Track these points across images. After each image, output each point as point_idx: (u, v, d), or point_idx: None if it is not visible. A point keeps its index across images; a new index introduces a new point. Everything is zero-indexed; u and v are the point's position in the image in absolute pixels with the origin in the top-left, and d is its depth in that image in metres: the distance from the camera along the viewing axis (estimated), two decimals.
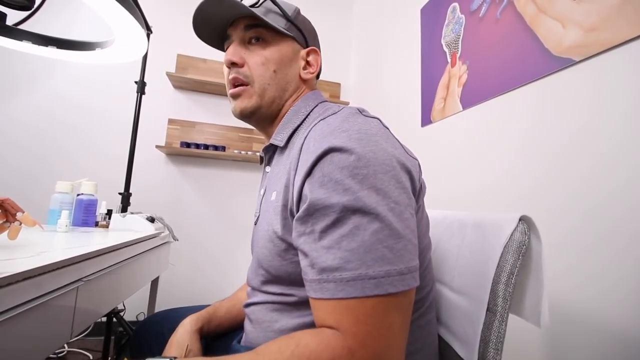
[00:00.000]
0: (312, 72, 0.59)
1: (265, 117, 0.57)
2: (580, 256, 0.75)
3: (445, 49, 1.34)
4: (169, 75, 1.96)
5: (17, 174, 1.79)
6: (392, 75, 1.83)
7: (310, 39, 0.60)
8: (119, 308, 1.57)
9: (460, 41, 1.25)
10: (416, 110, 1.52)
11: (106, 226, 1.13)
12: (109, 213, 1.19)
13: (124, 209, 1.47)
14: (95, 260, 0.65)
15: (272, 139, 0.55)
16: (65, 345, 1.64)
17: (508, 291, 0.46)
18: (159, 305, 1.36)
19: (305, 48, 0.59)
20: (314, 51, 0.59)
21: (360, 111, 0.46)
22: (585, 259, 0.74)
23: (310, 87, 0.60)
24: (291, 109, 0.56)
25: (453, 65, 1.28)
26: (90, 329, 1.72)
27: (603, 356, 0.68)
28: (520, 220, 0.47)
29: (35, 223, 0.61)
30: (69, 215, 0.89)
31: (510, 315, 0.46)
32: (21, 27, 1.05)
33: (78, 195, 1.07)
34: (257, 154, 2.09)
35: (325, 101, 0.58)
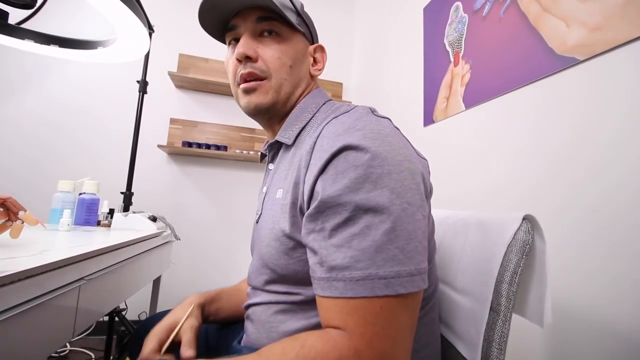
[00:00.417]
0: (320, 69, 0.58)
1: (278, 114, 0.55)
2: (580, 253, 0.74)
3: (448, 48, 1.34)
4: (171, 74, 1.96)
5: (21, 173, 1.80)
6: (395, 74, 1.82)
7: (315, 36, 0.60)
8: (121, 307, 1.57)
9: (463, 40, 1.25)
10: (418, 109, 1.51)
11: (108, 225, 1.13)
12: (111, 212, 1.19)
13: (126, 208, 1.47)
14: (97, 259, 0.65)
15: (279, 136, 0.54)
16: (67, 344, 1.64)
17: (512, 290, 0.45)
18: (160, 305, 1.36)
19: (312, 44, 0.59)
20: (321, 48, 0.59)
21: (372, 110, 0.46)
22: (584, 256, 0.73)
23: (316, 85, 0.60)
24: (298, 106, 0.55)
25: (456, 64, 1.28)
26: (92, 328, 1.72)
27: (605, 354, 0.68)
28: (523, 219, 0.47)
29: (37, 222, 0.61)
30: (71, 215, 0.90)
31: (513, 315, 0.46)
32: (23, 26, 1.05)
33: (80, 194, 1.07)
34: (259, 153, 2.08)
35: (330, 100, 0.57)
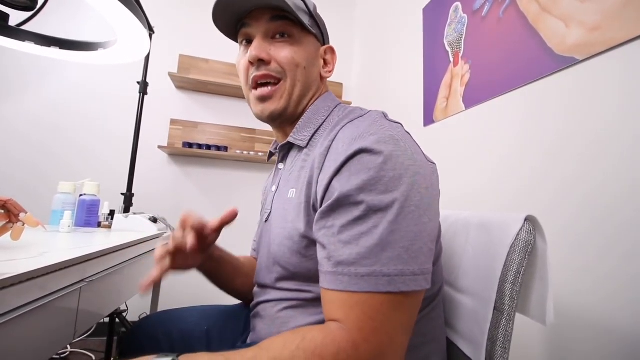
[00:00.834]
0: (330, 71, 0.58)
1: (290, 117, 0.55)
2: (574, 250, 0.74)
3: (448, 49, 1.34)
4: (171, 75, 1.96)
5: (21, 175, 1.80)
6: (395, 74, 1.82)
7: (326, 37, 0.60)
8: (122, 308, 1.57)
9: (462, 40, 1.25)
10: (419, 109, 1.51)
11: (109, 227, 1.13)
12: (112, 213, 1.19)
13: (127, 210, 1.47)
14: (98, 260, 0.64)
15: (292, 138, 0.54)
16: (68, 346, 1.64)
17: (515, 290, 0.46)
18: (161, 306, 1.36)
19: (323, 45, 0.58)
20: (331, 49, 0.59)
21: (384, 115, 0.47)
22: (578, 253, 0.73)
23: (326, 88, 0.60)
24: (310, 108, 0.55)
25: (455, 64, 1.28)
26: (92, 329, 1.72)
27: (601, 350, 0.68)
28: (526, 220, 0.47)
29: (37, 224, 0.61)
30: (71, 216, 0.89)
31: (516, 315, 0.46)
32: (23, 28, 1.05)
33: (81, 195, 1.07)
34: (260, 153, 2.08)
35: (340, 103, 0.58)
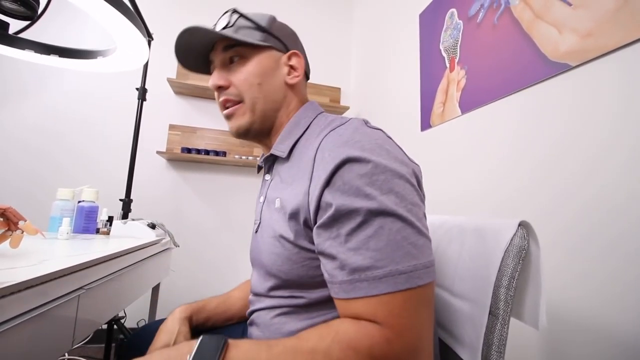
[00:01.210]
0: (298, 76, 0.58)
1: (261, 131, 0.57)
2: (571, 255, 0.75)
3: (444, 54, 1.35)
4: (170, 81, 1.97)
5: (19, 181, 1.80)
6: (392, 79, 1.84)
7: (290, 43, 0.59)
8: (120, 315, 1.56)
9: (458, 46, 1.26)
10: (416, 114, 1.53)
11: (107, 233, 1.13)
12: (110, 220, 1.19)
13: (125, 216, 1.47)
14: (97, 268, 0.65)
15: (274, 150, 0.55)
16: (66, 353, 1.63)
17: (509, 295, 0.46)
18: (160, 312, 1.36)
19: (286, 52, 0.58)
20: (295, 54, 0.58)
21: (365, 122, 0.48)
22: (575, 258, 0.74)
23: (300, 91, 0.60)
24: (291, 120, 0.56)
25: (452, 70, 1.29)
26: (90, 336, 1.72)
27: (598, 355, 0.69)
28: (519, 225, 0.48)
29: (37, 231, 0.61)
30: (70, 223, 0.90)
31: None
32: (23, 36, 1.06)
33: (79, 202, 1.07)
34: (257, 158, 2.09)
35: (323, 112, 0.59)
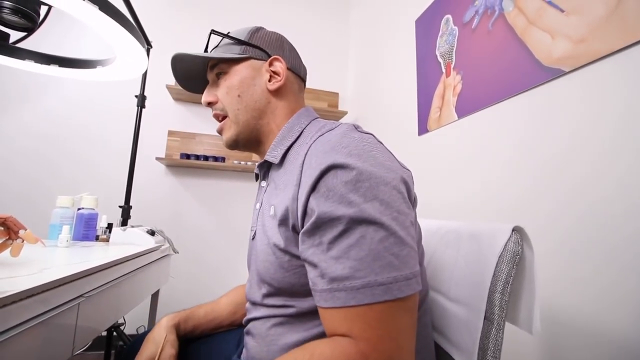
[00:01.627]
0: (279, 80, 0.57)
1: (249, 140, 0.59)
2: (571, 261, 0.75)
3: (440, 60, 1.37)
4: (169, 87, 1.99)
5: (19, 188, 1.80)
6: (389, 85, 1.85)
7: (272, 50, 0.59)
8: (119, 322, 1.56)
9: (454, 52, 1.28)
10: (413, 119, 1.54)
11: (107, 240, 1.13)
12: (110, 227, 1.19)
13: (124, 222, 1.48)
14: (96, 275, 0.65)
15: (267, 156, 0.56)
16: None
17: (504, 300, 0.46)
18: (159, 318, 1.35)
19: (268, 59, 0.58)
20: (276, 59, 0.58)
21: (355, 127, 0.48)
22: (576, 264, 0.74)
23: (286, 96, 0.59)
24: (285, 126, 0.56)
25: (448, 75, 1.31)
26: (90, 343, 1.71)
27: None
28: (513, 230, 0.48)
29: (37, 240, 0.62)
30: (69, 230, 0.90)
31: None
32: (23, 46, 1.07)
33: (79, 209, 1.08)
34: (255, 166, 2.09)
35: (317, 118, 0.59)
